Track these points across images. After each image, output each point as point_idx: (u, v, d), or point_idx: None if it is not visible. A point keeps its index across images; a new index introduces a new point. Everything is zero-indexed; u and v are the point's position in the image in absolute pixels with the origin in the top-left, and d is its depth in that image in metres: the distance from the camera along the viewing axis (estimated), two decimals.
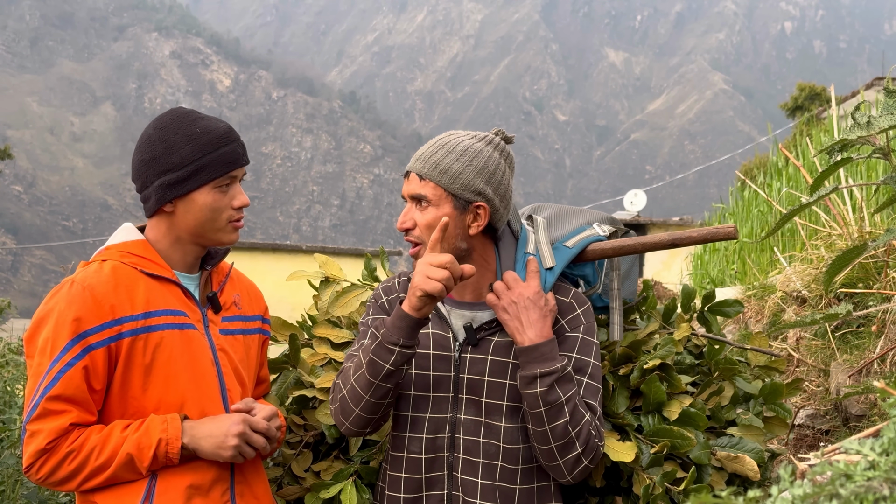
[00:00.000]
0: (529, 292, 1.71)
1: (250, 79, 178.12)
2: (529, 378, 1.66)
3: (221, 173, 1.74)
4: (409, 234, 1.75)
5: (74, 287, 1.68)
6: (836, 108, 4.89)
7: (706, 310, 2.18)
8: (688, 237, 1.82)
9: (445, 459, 1.77)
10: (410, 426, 1.80)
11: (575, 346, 1.75)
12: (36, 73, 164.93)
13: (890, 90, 1.81)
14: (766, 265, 4.91)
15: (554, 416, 1.65)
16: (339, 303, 2.19)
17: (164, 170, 1.73)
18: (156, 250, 1.79)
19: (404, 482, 1.79)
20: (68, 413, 1.63)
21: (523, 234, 1.86)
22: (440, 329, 1.81)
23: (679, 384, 1.93)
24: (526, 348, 1.68)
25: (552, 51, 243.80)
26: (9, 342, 4.20)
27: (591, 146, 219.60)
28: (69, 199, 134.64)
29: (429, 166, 1.71)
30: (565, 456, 1.67)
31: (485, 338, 1.78)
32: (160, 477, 1.70)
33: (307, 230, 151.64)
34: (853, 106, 1.98)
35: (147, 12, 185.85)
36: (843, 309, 1.87)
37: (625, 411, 1.90)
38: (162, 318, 1.72)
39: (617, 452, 1.78)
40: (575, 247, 1.85)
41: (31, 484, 3.04)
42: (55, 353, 1.63)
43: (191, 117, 1.78)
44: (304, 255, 12.97)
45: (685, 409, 1.87)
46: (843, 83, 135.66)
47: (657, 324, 2.06)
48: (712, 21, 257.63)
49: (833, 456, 1.09)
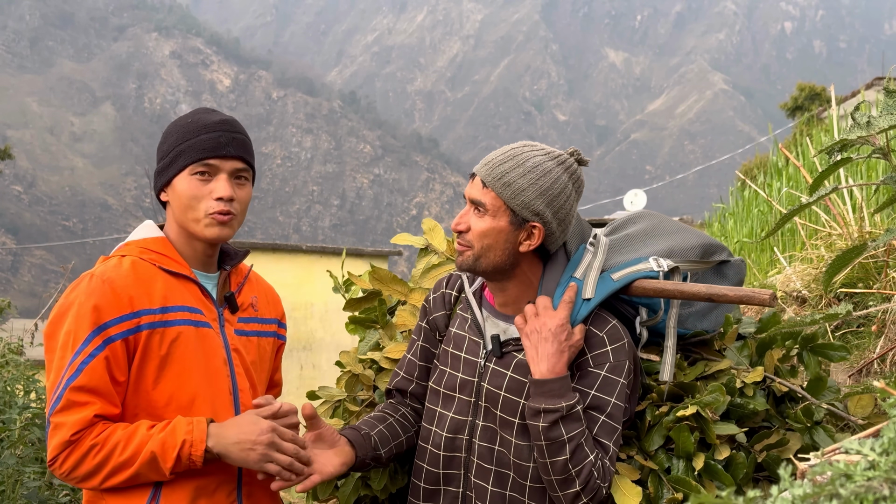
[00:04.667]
0: (553, 324, 1.69)
1: (250, 79, 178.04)
2: (534, 411, 1.67)
3: (196, 159, 1.72)
4: (462, 236, 1.75)
5: (94, 280, 1.69)
6: (836, 108, 4.89)
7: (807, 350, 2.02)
8: (723, 295, 1.74)
9: (462, 460, 1.81)
10: (436, 421, 1.86)
11: (595, 384, 1.72)
12: (36, 73, 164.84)
13: (890, 90, 1.80)
14: (766, 265, 4.90)
15: (554, 453, 1.64)
16: (430, 275, 2.22)
17: (158, 159, 1.78)
18: (175, 248, 1.80)
19: (425, 472, 1.86)
20: (92, 404, 1.62)
21: (578, 255, 1.82)
22: (475, 335, 1.84)
23: (712, 436, 1.79)
24: (535, 381, 1.68)
25: (552, 51, 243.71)
26: (9, 342, 4.19)
27: (591, 146, 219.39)
28: (69, 199, 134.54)
29: (495, 175, 1.70)
30: (565, 490, 1.66)
31: (510, 352, 1.78)
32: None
33: (307, 230, 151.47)
34: (853, 106, 1.96)
35: (147, 12, 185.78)
36: (843, 309, 1.84)
37: (658, 450, 1.82)
38: (179, 313, 1.73)
39: (624, 496, 1.73)
40: (619, 281, 1.78)
41: (32, 484, 3.04)
42: (77, 344, 1.63)
43: (198, 111, 1.80)
44: (304, 255, 12.95)
45: (711, 463, 1.78)
46: (843, 83, 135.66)
47: (729, 362, 1.92)
48: (712, 21, 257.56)
49: (833, 456, 1.08)
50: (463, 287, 1.93)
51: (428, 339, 1.97)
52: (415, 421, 1.96)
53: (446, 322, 1.93)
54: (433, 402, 1.88)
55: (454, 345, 1.87)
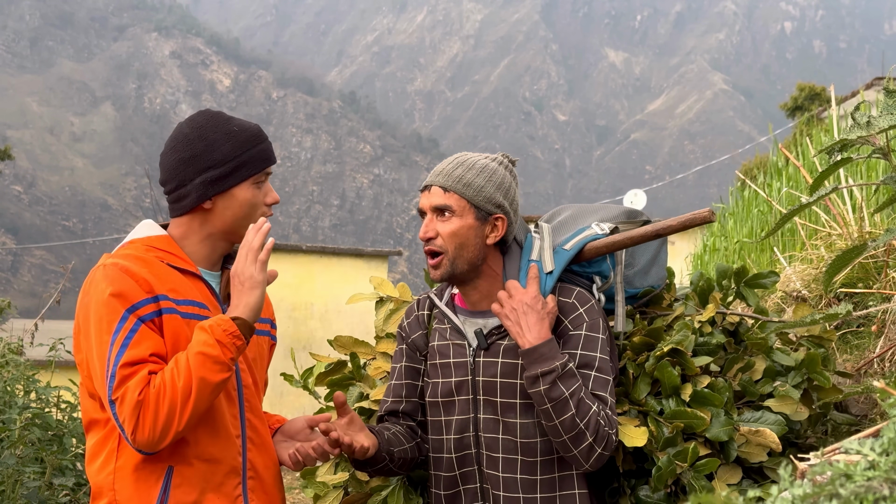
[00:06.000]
0: (527, 298, 1.83)
1: (250, 79, 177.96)
2: (533, 378, 1.79)
3: (259, 169, 1.82)
4: (432, 243, 1.89)
5: (108, 268, 1.70)
6: (836, 108, 4.88)
7: (742, 285, 2.22)
8: (668, 226, 1.92)
9: (473, 456, 1.93)
10: (442, 429, 1.97)
11: (579, 344, 1.87)
12: (36, 73, 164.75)
13: (890, 90, 1.82)
14: (766, 265, 4.90)
15: (560, 411, 1.77)
16: (392, 320, 2.35)
17: (206, 167, 1.77)
18: (180, 247, 1.81)
19: (443, 480, 1.97)
20: (143, 366, 1.65)
21: (528, 242, 1.99)
22: (457, 339, 1.97)
23: (692, 367, 1.98)
24: (526, 350, 1.81)
25: (552, 51, 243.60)
26: (9, 342, 4.19)
27: (591, 146, 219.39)
28: (69, 199, 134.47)
29: (453, 180, 1.88)
30: (578, 446, 1.79)
31: (495, 342, 1.92)
32: (175, 471, 1.72)
33: (307, 230, 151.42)
34: (853, 106, 1.98)
35: (147, 12, 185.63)
36: (843, 309, 1.87)
37: (647, 397, 1.99)
38: (190, 307, 1.76)
39: (631, 438, 1.88)
40: (572, 248, 1.96)
41: (32, 484, 3.04)
42: (112, 326, 1.66)
43: (224, 117, 1.85)
44: (304, 255, 12.95)
45: (697, 389, 1.94)
46: (843, 83, 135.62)
47: (681, 309, 2.12)
48: (712, 21, 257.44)
49: (833, 456, 1.09)
50: (433, 304, 2.07)
51: (410, 358, 2.08)
52: (411, 436, 2.04)
53: (425, 340, 2.06)
54: (435, 414, 2.00)
55: (440, 356, 1.99)
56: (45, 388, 3.56)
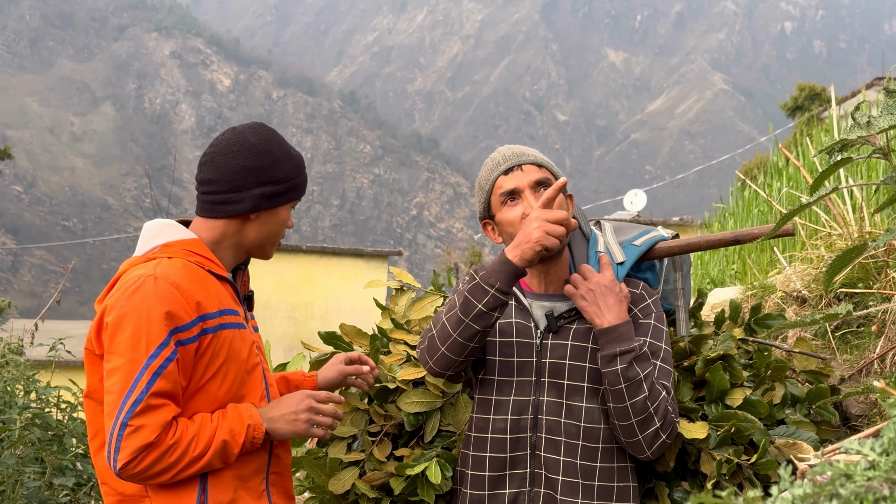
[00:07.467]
0: (605, 280, 1.85)
1: (250, 79, 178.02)
2: (610, 356, 1.79)
3: (301, 195, 1.90)
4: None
5: (160, 283, 1.69)
6: (836, 108, 4.88)
7: (753, 321, 2.39)
8: (750, 234, 1.94)
9: (528, 440, 1.90)
10: (495, 409, 1.93)
11: (648, 332, 1.88)
12: (36, 73, 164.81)
13: (890, 90, 1.83)
14: (766, 265, 4.90)
15: (633, 392, 1.77)
16: (415, 307, 2.37)
17: (267, 181, 1.80)
18: (211, 251, 1.84)
19: (489, 461, 1.91)
20: (168, 407, 1.66)
21: (593, 236, 2.01)
22: (522, 319, 1.94)
23: (740, 375, 2.07)
24: (605, 329, 1.81)
25: (552, 51, 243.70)
26: (9, 342, 4.19)
27: (591, 146, 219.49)
28: (69, 199, 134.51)
29: (538, 158, 1.91)
30: (645, 431, 1.78)
31: (564, 326, 1.91)
32: (211, 471, 1.75)
33: (307, 230, 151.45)
34: (853, 106, 1.99)
35: (147, 12, 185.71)
36: (843, 309, 1.89)
37: (689, 401, 2.04)
38: (230, 317, 1.79)
39: (690, 431, 1.91)
40: (643, 244, 1.98)
41: (32, 484, 3.04)
42: (151, 348, 1.65)
43: (281, 136, 1.89)
44: (304, 255, 12.95)
45: (747, 396, 2.00)
46: (843, 83, 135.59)
47: (711, 329, 2.24)
48: (712, 21, 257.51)
49: (833, 456, 1.09)
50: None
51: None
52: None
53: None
54: (486, 392, 1.95)
55: (501, 334, 1.94)
56: (45, 388, 3.56)
